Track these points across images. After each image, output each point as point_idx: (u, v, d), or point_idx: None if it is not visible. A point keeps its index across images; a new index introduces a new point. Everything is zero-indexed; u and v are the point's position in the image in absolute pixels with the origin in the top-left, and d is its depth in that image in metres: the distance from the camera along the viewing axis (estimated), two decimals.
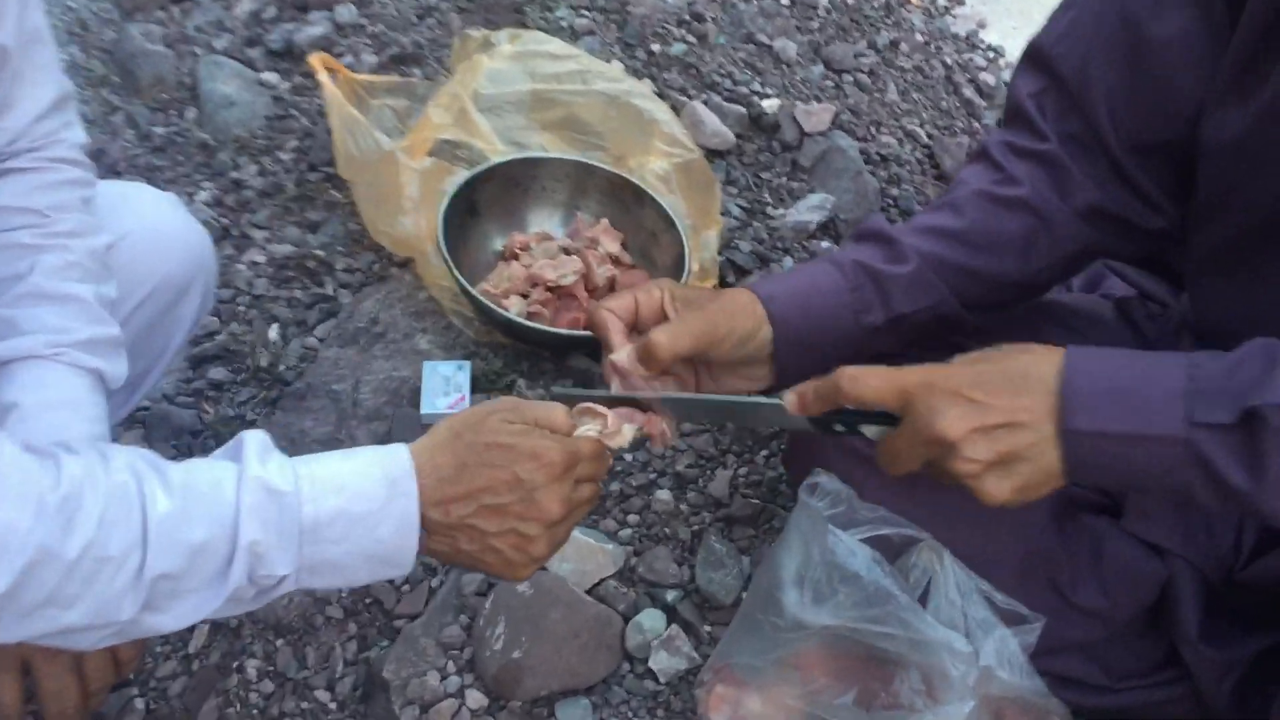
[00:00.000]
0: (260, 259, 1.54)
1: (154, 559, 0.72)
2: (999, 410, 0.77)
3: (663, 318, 0.93)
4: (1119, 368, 0.77)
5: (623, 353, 0.90)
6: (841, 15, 2.05)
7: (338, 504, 0.75)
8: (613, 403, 0.87)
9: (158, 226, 1.06)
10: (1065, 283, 1.25)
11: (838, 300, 0.97)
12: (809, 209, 1.64)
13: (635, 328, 0.93)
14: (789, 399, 0.84)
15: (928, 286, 0.98)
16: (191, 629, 1.17)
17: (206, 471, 0.75)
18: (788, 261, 1.56)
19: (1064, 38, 1.00)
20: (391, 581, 1.20)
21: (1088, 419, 0.76)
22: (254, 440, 0.76)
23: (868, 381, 0.80)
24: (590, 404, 0.83)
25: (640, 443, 1.23)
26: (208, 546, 0.73)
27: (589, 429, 0.82)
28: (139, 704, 1.15)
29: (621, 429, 0.82)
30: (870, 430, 0.84)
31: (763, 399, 0.87)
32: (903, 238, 0.99)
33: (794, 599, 0.97)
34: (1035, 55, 1.02)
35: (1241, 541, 1.03)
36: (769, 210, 1.65)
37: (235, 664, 1.16)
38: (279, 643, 1.16)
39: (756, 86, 1.81)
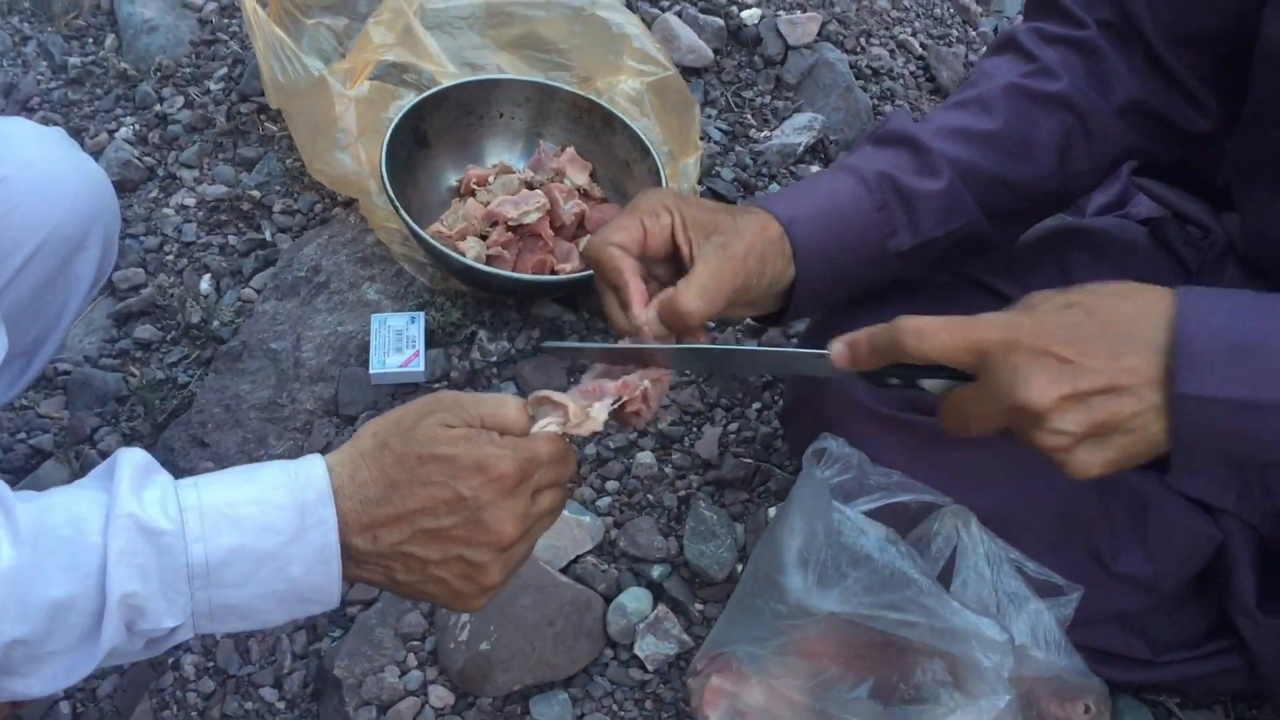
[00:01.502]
0: (189, 202, 1.38)
1: (1, 623, 0.58)
2: (1097, 373, 0.63)
3: (674, 251, 0.79)
4: (1240, 319, 0.63)
5: (649, 312, 0.75)
6: None
7: (235, 540, 0.61)
8: (611, 359, 0.74)
9: (43, 169, 0.90)
10: (1092, 192, 1.12)
11: (863, 222, 0.84)
12: (796, 130, 1.49)
13: (644, 262, 0.79)
14: (838, 350, 0.70)
15: (961, 206, 0.85)
16: None
17: (65, 509, 0.59)
18: (774, 188, 1.42)
19: None
20: None
21: (1207, 383, 0.62)
22: (129, 463, 0.61)
23: (937, 338, 0.66)
24: (548, 393, 0.67)
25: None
26: (70, 604, 0.59)
27: (549, 422, 0.67)
28: (64, 708, 1.03)
29: (590, 413, 0.67)
30: (933, 384, 0.70)
31: (805, 349, 0.72)
32: (933, 144, 0.85)
33: (798, 583, 0.84)
34: None
35: None
36: (752, 133, 1.50)
37: (171, 660, 1.03)
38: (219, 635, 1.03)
39: None
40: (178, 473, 0.64)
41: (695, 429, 1.15)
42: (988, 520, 0.88)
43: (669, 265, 0.81)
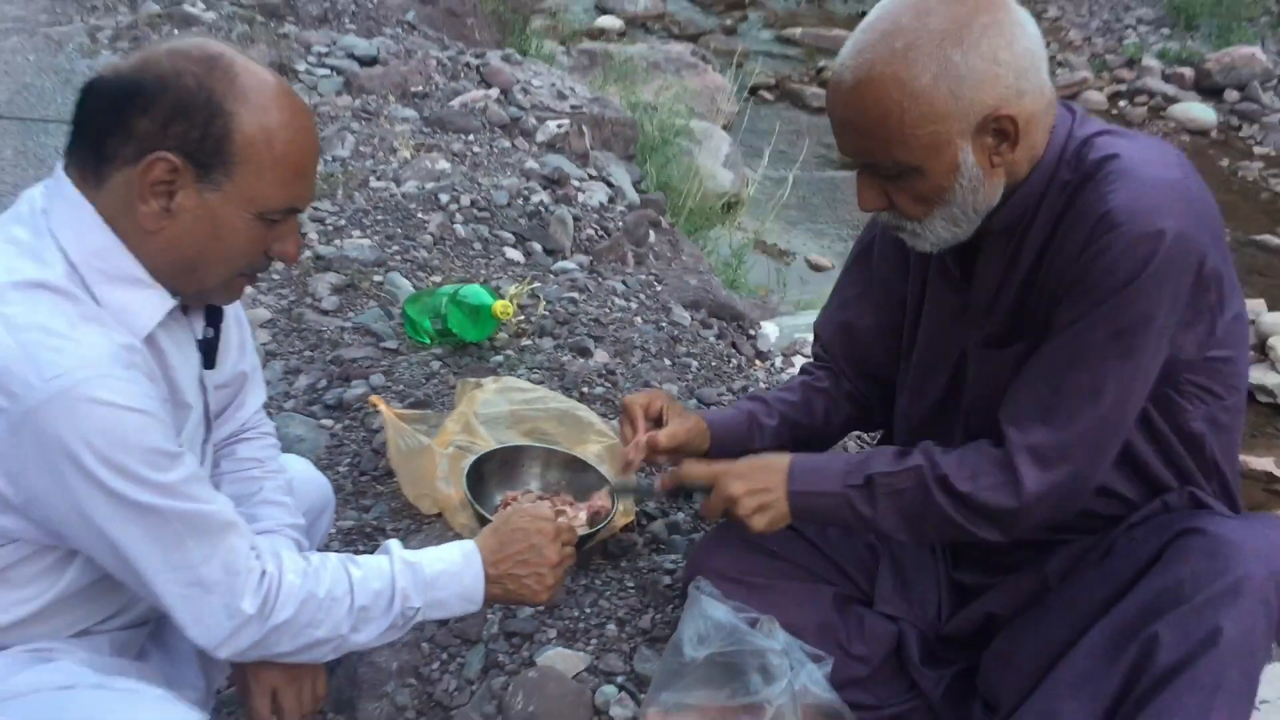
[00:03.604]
0: (332, 530, 2.32)
1: (357, 599, 1.49)
2: (758, 483, 1.62)
3: (661, 417, 1.82)
4: (817, 459, 1.63)
5: (640, 438, 1.77)
6: (707, 368, 3.00)
7: (440, 568, 1.55)
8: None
9: (303, 473, 1.88)
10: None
11: (740, 431, 1.89)
12: None
13: (648, 416, 1.82)
14: (658, 482, 1.70)
15: (783, 432, 1.90)
16: None
17: (373, 559, 1.54)
18: None
19: (823, 324, 1.96)
20: None
21: (799, 484, 1.61)
22: (395, 543, 1.56)
23: (695, 471, 1.66)
24: (564, 501, 1.66)
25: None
26: (381, 593, 1.51)
27: (563, 517, 1.64)
28: None
29: (579, 515, 1.66)
30: (697, 496, 1.68)
31: (643, 481, 1.74)
32: (771, 401, 1.90)
33: (689, 645, 1.73)
34: (815, 332, 1.99)
35: (940, 612, 1.84)
36: None
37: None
38: None
39: None
40: None
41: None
42: (785, 625, 1.79)
43: (656, 422, 1.82)
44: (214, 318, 1.60)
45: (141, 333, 1.41)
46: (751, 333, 3.37)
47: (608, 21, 10.34)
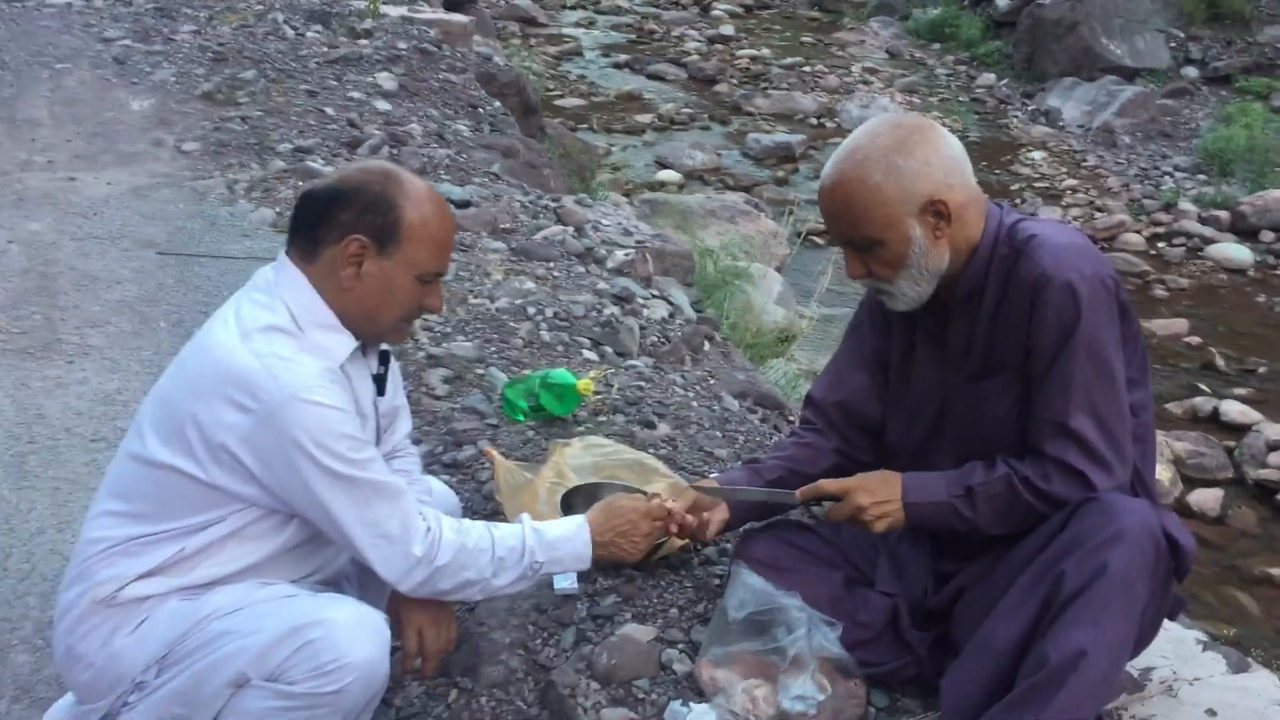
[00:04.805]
0: None
1: (496, 551, 2.11)
2: (881, 496, 2.21)
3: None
4: (924, 477, 2.23)
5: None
6: (752, 441, 3.59)
7: (559, 534, 2.17)
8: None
9: (438, 488, 2.51)
10: None
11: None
12: None
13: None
14: (798, 493, 2.30)
15: (787, 481, 2.45)
16: None
17: (510, 525, 2.16)
18: None
19: (821, 390, 2.55)
20: None
21: (913, 496, 2.20)
22: (526, 516, 2.19)
23: (830, 485, 2.26)
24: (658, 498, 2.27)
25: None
26: (515, 548, 2.13)
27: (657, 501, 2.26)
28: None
29: (668, 500, 2.27)
30: (828, 504, 2.26)
31: (782, 491, 2.33)
32: (765, 461, 2.47)
33: (732, 608, 2.30)
34: (809, 400, 2.57)
35: (926, 591, 2.40)
36: None
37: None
38: None
39: None
40: None
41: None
42: (806, 598, 2.34)
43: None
44: (384, 360, 2.26)
45: (337, 363, 2.06)
46: (791, 419, 3.97)
47: (667, 175, 11.20)
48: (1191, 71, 14.53)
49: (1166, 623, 2.50)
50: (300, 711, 1.89)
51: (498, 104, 7.73)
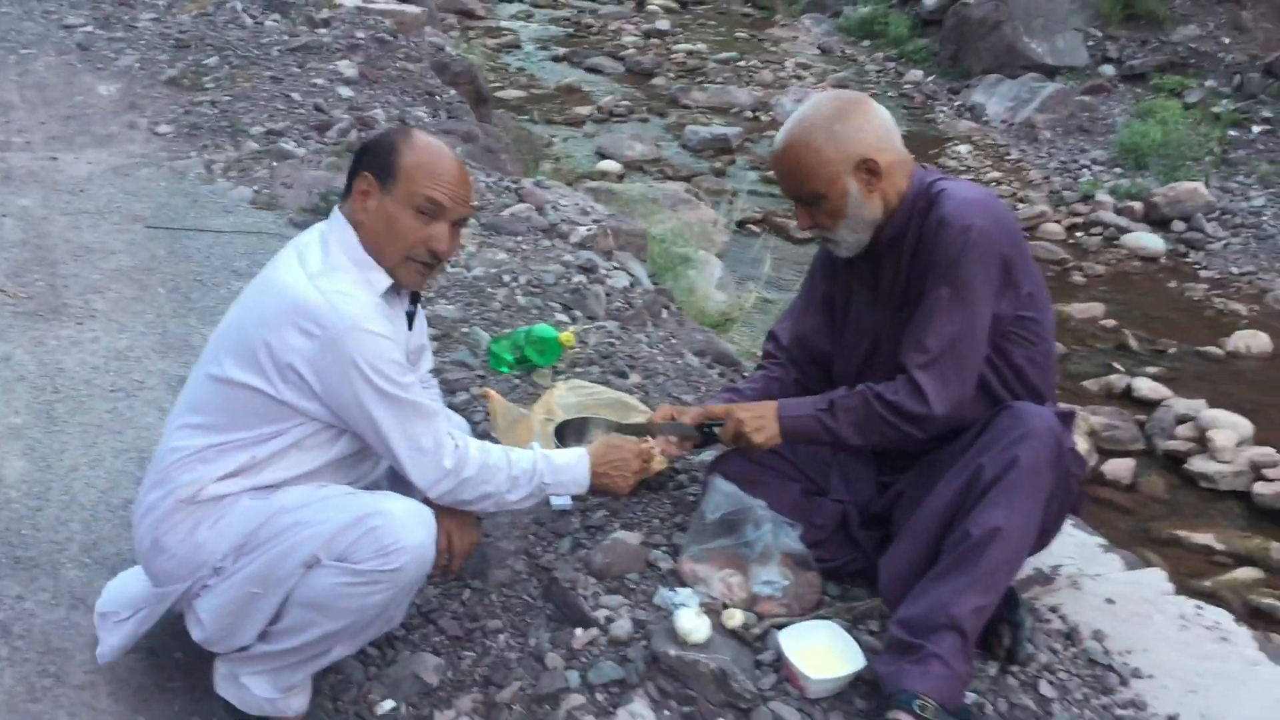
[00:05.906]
0: None
1: (512, 470, 2.51)
2: (757, 413, 2.65)
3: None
4: (798, 399, 2.68)
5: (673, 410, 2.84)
6: (713, 390, 4.01)
7: (565, 461, 2.58)
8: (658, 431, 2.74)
9: (454, 419, 2.90)
10: None
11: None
12: None
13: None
14: (687, 419, 2.75)
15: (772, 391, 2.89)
16: None
17: (523, 449, 2.56)
18: None
19: (782, 329, 2.99)
20: None
21: (785, 411, 2.64)
22: (537, 444, 2.59)
23: (714, 409, 2.71)
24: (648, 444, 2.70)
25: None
26: (526, 470, 2.53)
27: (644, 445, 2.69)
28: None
29: (652, 447, 2.69)
30: (716, 429, 2.69)
31: (681, 425, 2.75)
32: (743, 390, 2.91)
33: (708, 511, 2.72)
34: (771, 335, 3.00)
35: (873, 497, 2.84)
36: None
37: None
38: None
39: None
40: None
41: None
42: (771, 505, 2.76)
43: None
44: (414, 299, 2.64)
45: (376, 294, 2.43)
46: (745, 374, 4.41)
47: (608, 165, 11.58)
48: (1109, 69, 15.17)
49: (1073, 529, 2.98)
50: (363, 586, 2.27)
51: (453, 92, 8.07)
